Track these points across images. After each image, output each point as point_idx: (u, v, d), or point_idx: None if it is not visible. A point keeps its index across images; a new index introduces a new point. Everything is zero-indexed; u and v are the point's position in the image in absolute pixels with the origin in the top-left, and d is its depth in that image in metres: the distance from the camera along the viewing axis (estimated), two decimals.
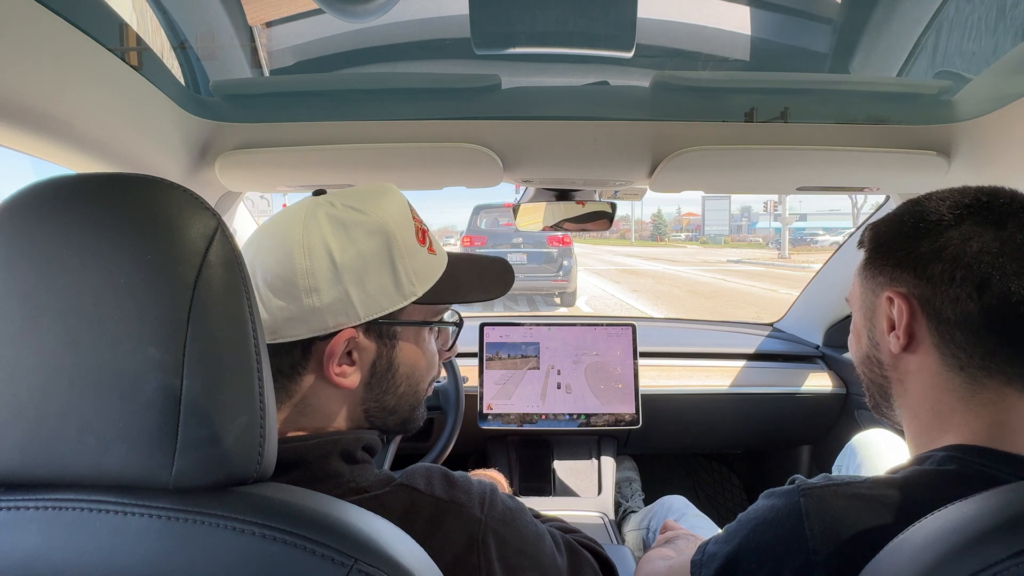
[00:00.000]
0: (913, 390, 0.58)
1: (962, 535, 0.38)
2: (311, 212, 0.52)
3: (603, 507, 1.44)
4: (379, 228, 0.53)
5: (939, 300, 0.53)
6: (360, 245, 0.52)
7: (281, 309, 0.50)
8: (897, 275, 0.56)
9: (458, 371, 1.27)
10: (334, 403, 0.54)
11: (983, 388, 0.53)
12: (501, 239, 8.16)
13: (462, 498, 0.51)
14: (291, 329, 0.51)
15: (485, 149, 0.95)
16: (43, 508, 0.34)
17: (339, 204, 0.53)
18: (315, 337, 0.51)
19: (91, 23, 0.64)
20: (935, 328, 0.54)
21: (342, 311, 0.51)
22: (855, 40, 0.90)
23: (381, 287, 0.53)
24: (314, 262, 0.50)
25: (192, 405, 0.34)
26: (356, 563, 0.33)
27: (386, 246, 0.53)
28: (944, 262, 0.52)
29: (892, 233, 0.58)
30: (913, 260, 0.55)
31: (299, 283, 0.50)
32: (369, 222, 0.53)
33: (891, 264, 0.57)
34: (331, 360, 0.51)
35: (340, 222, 0.52)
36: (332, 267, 0.50)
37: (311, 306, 0.50)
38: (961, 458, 0.51)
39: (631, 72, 0.96)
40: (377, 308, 0.53)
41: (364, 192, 0.55)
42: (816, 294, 1.70)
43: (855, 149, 0.94)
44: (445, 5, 0.86)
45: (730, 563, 0.57)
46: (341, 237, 0.51)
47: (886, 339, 0.58)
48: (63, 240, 0.34)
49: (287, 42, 0.92)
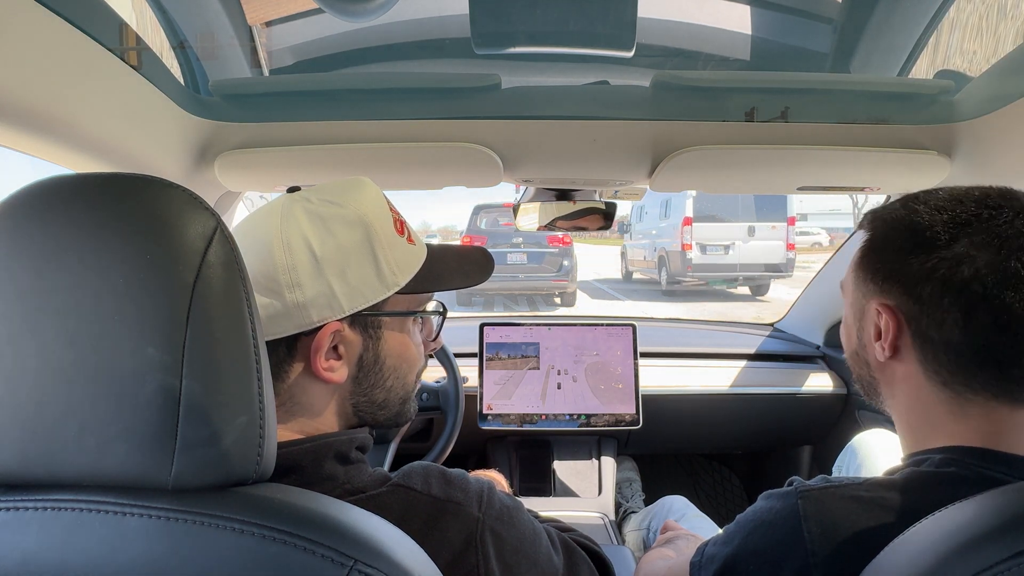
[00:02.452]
0: (900, 396, 0.58)
1: (962, 536, 0.38)
2: (287, 209, 0.52)
3: (603, 507, 1.44)
4: (358, 220, 0.53)
5: (925, 321, 0.53)
6: (340, 237, 0.51)
7: (266, 307, 0.50)
8: (887, 288, 0.56)
9: (458, 371, 1.27)
10: (322, 399, 0.54)
11: (969, 403, 0.52)
12: (501, 239, 8.15)
13: (459, 497, 0.51)
14: (276, 326, 0.50)
15: (485, 149, 0.95)
16: (42, 508, 0.34)
17: (315, 199, 0.53)
18: (300, 333, 0.51)
19: (91, 23, 0.63)
20: (919, 346, 0.54)
21: (326, 304, 0.51)
22: (855, 40, 0.90)
23: (363, 278, 0.52)
24: (295, 257, 0.50)
25: (191, 405, 0.34)
26: (356, 563, 0.33)
27: (366, 237, 0.53)
28: (933, 283, 0.52)
29: (886, 238, 0.58)
30: (903, 276, 0.54)
31: (281, 279, 0.49)
32: (347, 214, 0.53)
33: (882, 274, 0.57)
34: (318, 354, 0.51)
35: (318, 216, 0.52)
36: (313, 261, 0.50)
37: (295, 301, 0.50)
38: (959, 460, 0.51)
39: (631, 72, 0.96)
40: (361, 300, 0.52)
41: (339, 186, 0.55)
42: (817, 294, 1.69)
43: (855, 149, 0.94)
44: (445, 5, 0.86)
45: (728, 565, 0.56)
46: (320, 230, 0.51)
47: (873, 345, 0.58)
48: (63, 240, 0.34)
49: (287, 42, 0.92)
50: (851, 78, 0.94)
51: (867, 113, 0.92)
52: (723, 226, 8.28)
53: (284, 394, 0.52)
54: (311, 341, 0.51)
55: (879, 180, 1.07)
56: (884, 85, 0.93)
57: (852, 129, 0.93)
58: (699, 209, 8.29)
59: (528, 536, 0.54)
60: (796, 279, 8.34)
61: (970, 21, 0.84)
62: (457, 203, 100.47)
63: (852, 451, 1.07)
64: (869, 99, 0.93)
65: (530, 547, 0.53)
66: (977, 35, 0.84)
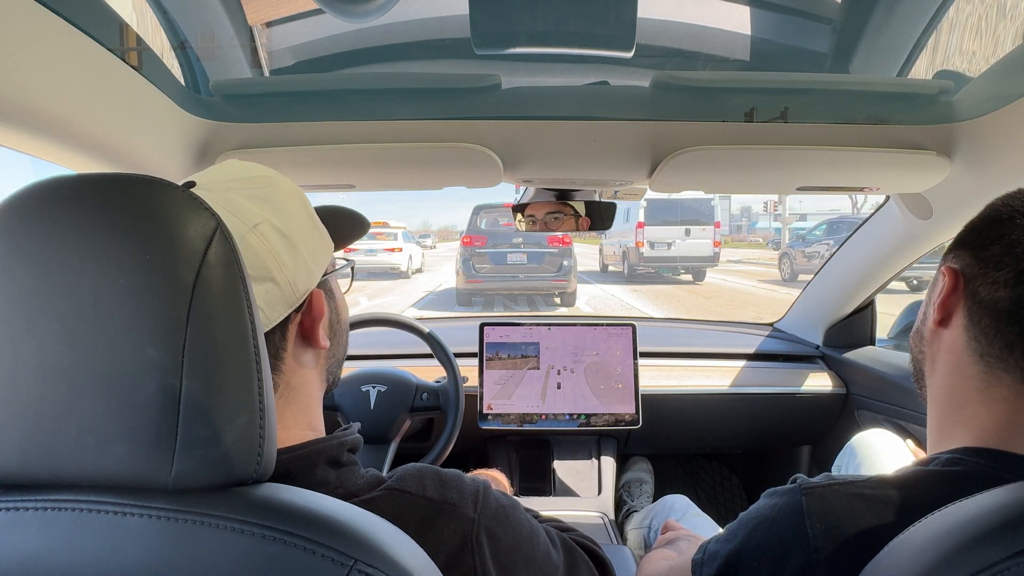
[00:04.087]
0: (939, 370, 0.58)
1: (962, 535, 0.38)
2: (227, 202, 0.50)
3: (603, 507, 1.44)
4: (292, 190, 0.55)
5: (980, 280, 0.54)
6: (291, 212, 0.53)
7: (264, 294, 0.50)
8: (960, 252, 0.57)
9: (458, 371, 1.27)
10: (310, 373, 0.55)
11: (998, 382, 0.52)
12: (501, 239, 8.16)
13: (454, 498, 0.51)
14: (275, 311, 0.51)
15: (485, 149, 0.95)
16: (42, 509, 0.34)
17: (241, 187, 0.52)
18: (291, 312, 0.52)
19: (91, 23, 0.64)
20: (968, 308, 0.55)
21: (306, 275, 0.52)
22: (855, 40, 0.90)
23: (315, 244, 0.55)
24: (269, 240, 0.50)
25: (191, 405, 0.34)
26: (356, 563, 0.33)
27: (303, 204, 0.55)
28: (1000, 245, 0.53)
29: (972, 228, 0.59)
30: (977, 239, 0.56)
31: (269, 263, 0.50)
32: (284, 188, 0.54)
33: (959, 243, 0.58)
34: (318, 323, 0.54)
35: (262, 199, 0.52)
36: (284, 239, 0.51)
37: (286, 280, 0.51)
38: (966, 460, 0.51)
39: (631, 72, 0.96)
40: (320, 263, 0.55)
41: (241, 168, 0.55)
42: (816, 294, 1.70)
43: (855, 149, 0.94)
44: (445, 5, 0.86)
45: (731, 562, 0.57)
46: (275, 210, 0.52)
47: (930, 310, 0.59)
48: (63, 240, 0.34)
49: (287, 42, 0.92)
50: (851, 78, 0.95)
51: (867, 113, 0.92)
52: (666, 228, 11.17)
53: (283, 384, 0.52)
54: (299, 317, 0.53)
55: (878, 180, 1.07)
56: (883, 85, 0.93)
57: (852, 129, 0.93)
58: (649, 215, 11.18)
59: (525, 535, 0.54)
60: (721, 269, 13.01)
61: (969, 21, 0.84)
62: (460, 204, 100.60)
63: (851, 450, 1.07)
64: (869, 99, 0.93)
65: (527, 546, 0.53)
66: (977, 35, 0.84)
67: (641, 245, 11.34)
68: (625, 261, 12.23)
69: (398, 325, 1.30)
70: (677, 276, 12.46)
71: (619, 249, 12.63)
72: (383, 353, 1.60)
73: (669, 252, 11.27)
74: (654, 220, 11.14)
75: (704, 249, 11.30)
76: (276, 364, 0.52)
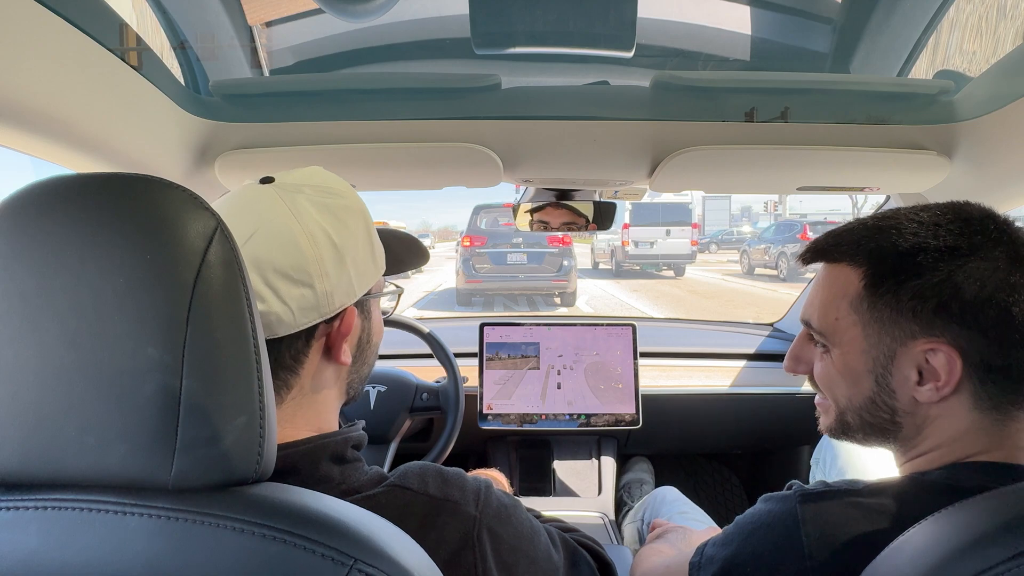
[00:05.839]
0: (934, 432, 0.54)
1: (962, 537, 0.38)
2: (292, 202, 0.52)
3: (603, 507, 1.44)
4: (359, 210, 0.56)
5: (989, 349, 0.49)
6: (350, 227, 0.54)
7: (298, 298, 0.51)
8: (938, 324, 0.50)
9: (458, 371, 1.27)
10: (330, 384, 0.56)
11: (1013, 419, 0.51)
12: (501, 239, 8.15)
13: (456, 496, 0.51)
14: (304, 317, 0.52)
15: (485, 149, 0.95)
16: (43, 508, 0.34)
17: (311, 193, 0.54)
18: (320, 322, 0.53)
19: (91, 23, 0.64)
20: (978, 377, 0.50)
21: (345, 291, 0.53)
22: (855, 40, 0.90)
23: (365, 263, 0.56)
24: (320, 249, 0.52)
25: (192, 405, 0.34)
26: (356, 563, 0.33)
27: (365, 224, 0.57)
28: (995, 308, 0.49)
29: (894, 268, 0.53)
30: (958, 306, 0.50)
31: (311, 270, 0.51)
32: (351, 205, 0.56)
33: (928, 311, 0.51)
34: (345, 339, 0.54)
35: (326, 208, 0.54)
36: (335, 250, 0.52)
37: (324, 290, 0.52)
38: (962, 472, 0.51)
39: (631, 72, 0.96)
40: (365, 283, 0.56)
41: (320, 176, 0.57)
42: None
43: (855, 149, 0.94)
44: (445, 5, 0.86)
45: (727, 568, 0.57)
46: (335, 222, 0.53)
47: (911, 388, 0.53)
48: (63, 240, 0.34)
49: (287, 42, 0.92)
50: (851, 78, 0.95)
51: (867, 113, 0.92)
52: (649, 229, 12.23)
53: (297, 387, 0.53)
54: (329, 328, 0.54)
55: (879, 180, 1.07)
56: (884, 85, 0.93)
57: (852, 129, 0.93)
58: (634, 217, 12.25)
59: (526, 534, 0.54)
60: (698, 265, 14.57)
61: (970, 21, 0.85)
62: (460, 204, 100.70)
63: (828, 442, 1.07)
64: (869, 99, 0.93)
65: (528, 545, 0.53)
66: (977, 35, 0.84)
67: (627, 244, 12.50)
68: (613, 258, 13.44)
69: (398, 325, 1.30)
70: (659, 272, 13.68)
71: (608, 248, 13.84)
72: (383, 353, 1.60)
73: (652, 250, 12.49)
74: (638, 221, 12.22)
75: (683, 248, 12.56)
76: (295, 367, 0.53)
